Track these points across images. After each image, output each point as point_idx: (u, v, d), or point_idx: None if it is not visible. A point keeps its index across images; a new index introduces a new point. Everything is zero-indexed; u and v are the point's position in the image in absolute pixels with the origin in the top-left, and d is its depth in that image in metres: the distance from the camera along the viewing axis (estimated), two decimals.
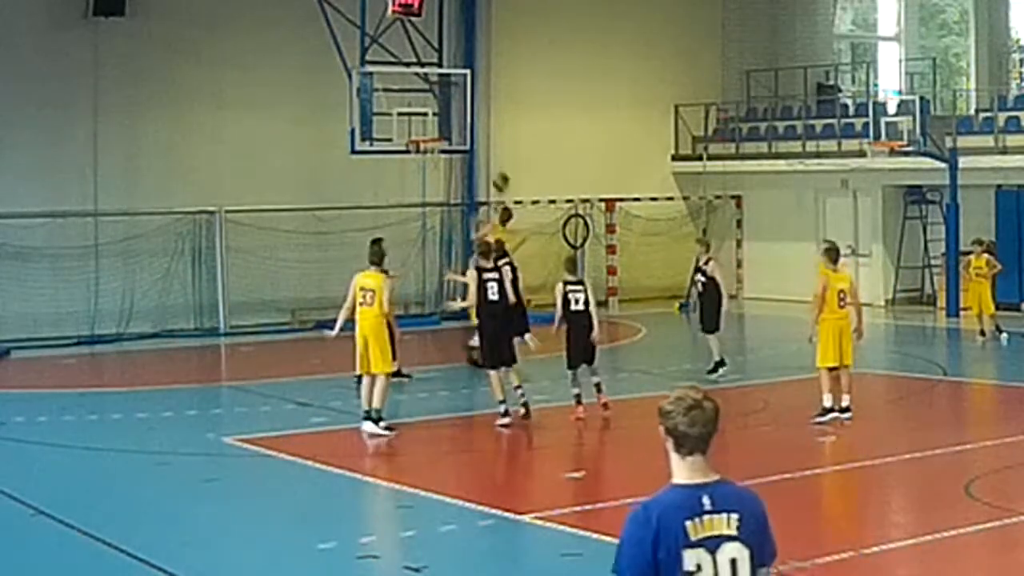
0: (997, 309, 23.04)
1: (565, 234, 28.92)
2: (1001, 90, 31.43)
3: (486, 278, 16.41)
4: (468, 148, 25.40)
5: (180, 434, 16.17)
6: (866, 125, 27.14)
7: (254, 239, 26.20)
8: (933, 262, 28.96)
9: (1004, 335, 22.82)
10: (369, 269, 15.91)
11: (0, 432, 16.32)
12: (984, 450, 14.65)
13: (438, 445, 15.99)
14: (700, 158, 31.32)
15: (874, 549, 10.81)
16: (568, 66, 30.08)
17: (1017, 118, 27.05)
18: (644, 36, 31.19)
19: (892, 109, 27.93)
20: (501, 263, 18.00)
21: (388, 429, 15.62)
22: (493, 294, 16.35)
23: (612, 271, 30.36)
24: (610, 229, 30.46)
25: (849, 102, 31.56)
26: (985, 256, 22.86)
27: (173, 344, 24.91)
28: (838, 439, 15.43)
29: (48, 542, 11.54)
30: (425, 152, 23.64)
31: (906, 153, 26.36)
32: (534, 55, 29.84)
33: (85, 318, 24.86)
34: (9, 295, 24.31)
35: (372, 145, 22.92)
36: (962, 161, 26.47)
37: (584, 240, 29.02)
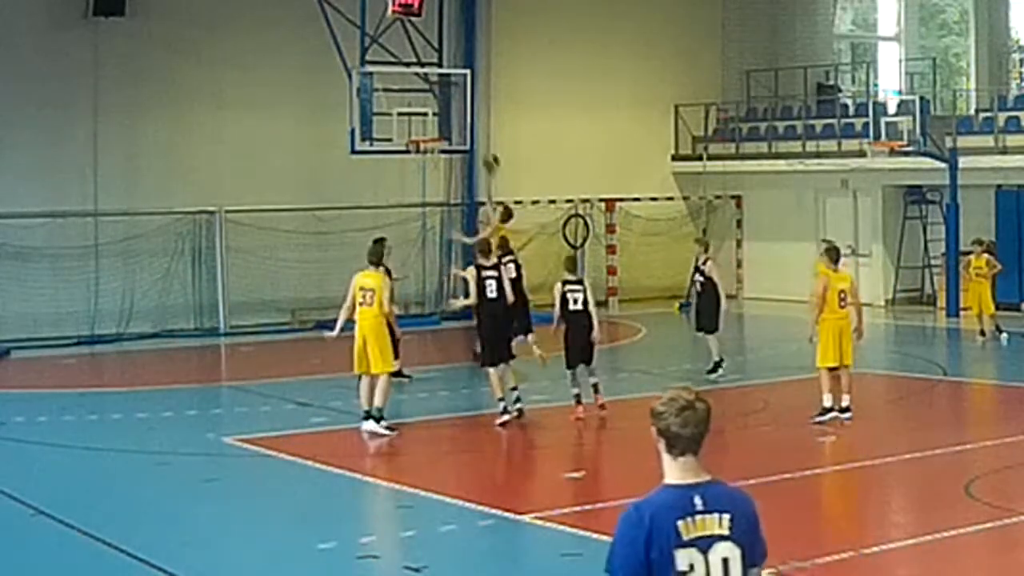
0: (997, 309, 23.03)
1: (565, 234, 28.93)
2: (1001, 90, 31.43)
3: (485, 276, 16.44)
4: (468, 148, 25.40)
5: (180, 434, 16.17)
6: (866, 125, 27.13)
7: (254, 239, 26.20)
8: (933, 262, 28.95)
9: (1004, 335, 22.82)
10: (368, 269, 15.92)
11: (0, 432, 16.33)
12: (984, 450, 14.64)
13: (438, 445, 15.99)
14: (700, 158, 31.32)
15: (874, 549, 10.81)
16: (568, 66, 30.08)
17: (1017, 118, 27.04)
18: (644, 36, 31.18)
19: (892, 109, 27.94)
20: (506, 260, 18.14)
21: (389, 429, 15.63)
22: (492, 292, 16.36)
23: (612, 271, 30.35)
24: (610, 229, 30.45)
25: (849, 102, 31.55)
26: (985, 256, 22.85)
27: (173, 344, 24.91)
28: (838, 439, 15.42)
29: (48, 542, 11.54)
30: (425, 152, 23.64)
31: (906, 153, 26.35)
32: (534, 55, 29.84)
33: (85, 318, 24.86)
34: (9, 295, 24.31)
35: (372, 145, 22.92)
36: (962, 161, 26.46)
37: (584, 240, 29.03)
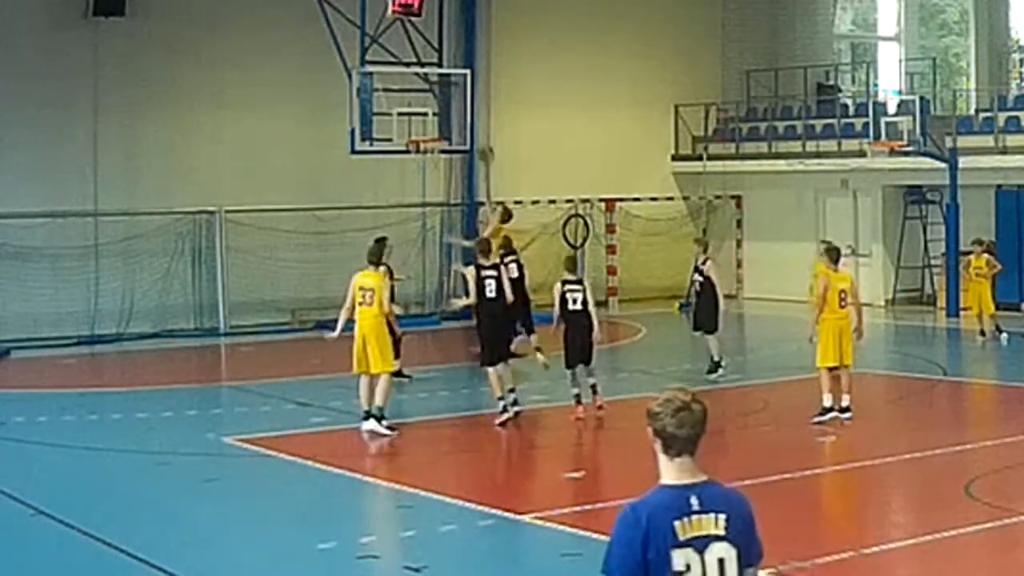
0: (997, 309, 23.02)
1: (565, 234, 28.93)
2: (1001, 90, 31.42)
3: (484, 275, 16.45)
4: (468, 148, 25.41)
5: (180, 434, 16.17)
6: (866, 125, 27.13)
7: (254, 239, 26.19)
8: (933, 262, 28.95)
9: (1004, 335, 22.81)
10: (368, 269, 15.91)
11: (0, 432, 16.33)
12: (984, 450, 14.64)
13: (438, 445, 15.99)
14: (700, 158, 31.32)
15: (874, 549, 10.81)
16: (568, 66, 30.08)
17: (1017, 118, 27.03)
18: (644, 36, 31.18)
19: (892, 109, 27.93)
20: (508, 260, 18.21)
21: (390, 429, 15.62)
22: (491, 292, 16.37)
23: (612, 271, 30.35)
24: (610, 229, 30.44)
25: (849, 102, 31.54)
26: (985, 256, 22.84)
27: (173, 344, 24.91)
28: (838, 439, 15.42)
29: (48, 542, 11.54)
30: (425, 152, 23.65)
31: (906, 153, 26.35)
32: (534, 55, 29.83)
33: (85, 318, 24.86)
34: (9, 295, 24.31)
35: (372, 145, 22.93)
36: (962, 161, 26.46)
37: (584, 240, 29.02)
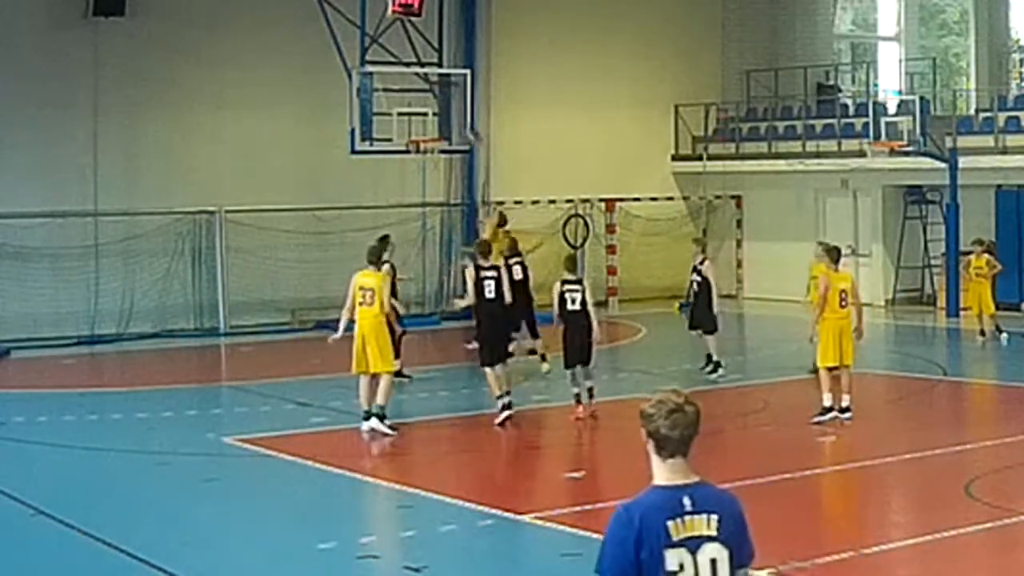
0: (997, 309, 23.02)
1: (565, 234, 28.92)
2: (1001, 90, 31.42)
3: (484, 276, 16.47)
4: (468, 148, 25.40)
5: (180, 434, 16.17)
6: (866, 125, 27.13)
7: (254, 239, 26.19)
8: (933, 262, 28.95)
9: (1004, 335, 22.81)
10: (367, 268, 15.90)
11: (0, 432, 16.33)
12: (984, 450, 14.64)
13: (438, 445, 15.99)
14: (700, 158, 31.32)
15: (874, 549, 10.81)
16: (568, 66, 30.08)
17: (1017, 118, 27.03)
18: (644, 36, 31.18)
19: (892, 109, 27.95)
20: (513, 262, 18.32)
21: (391, 428, 15.62)
22: (490, 292, 16.40)
23: (612, 271, 30.34)
24: (610, 229, 30.44)
25: (849, 102, 31.54)
26: (985, 256, 22.84)
27: (173, 344, 24.91)
28: (838, 439, 15.42)
29: (48, 542, 11.54)
30: (425, 152, 23.66)
31: (906, 153, 26.35)
32: (534, 55, 29.83)
33: (85, 318, 24.86)
34: (9, 295, 24.30)
35: (372, 145, 22.93)
36: (962, 161, 26.45)
37: (584, 240, 29.02)
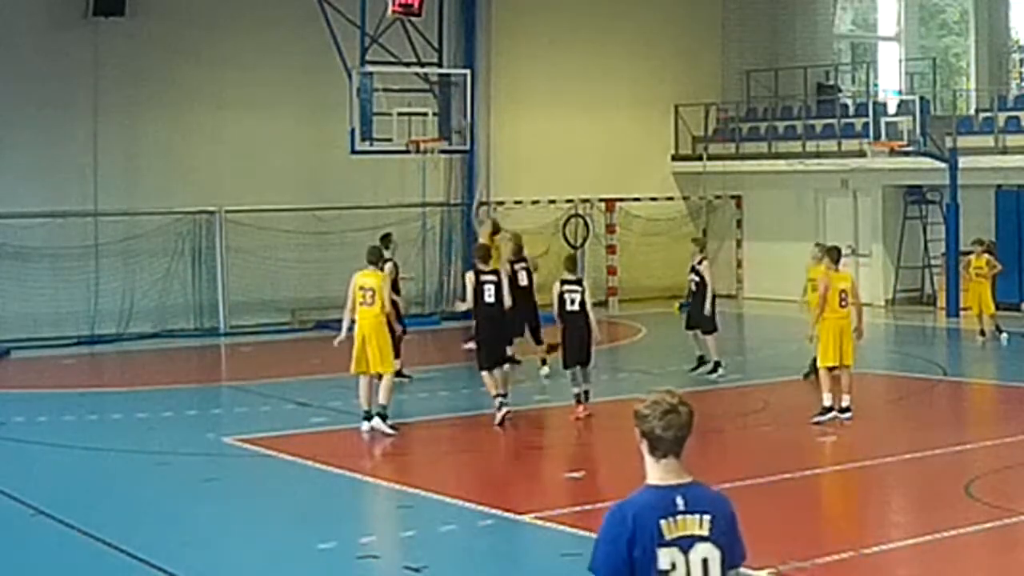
0: (997, 309, 23.03)
1: (565, 234, 28.93)
2: (1001, 90, 31.42)
3: (483, 280, 16.46)
4: (468, 148, 25.41)
5: (180, 434, 16.17)
6: (866, 125, 27.12)
7: (254, 239, 26.19)
8: (933, 262, 28.95)
9: (1004, 335, 22.81)
10: (367, 268, 15.88)
11: (0, 432, 16.33)
12: (984, 450, 14.64)
13: (438, 445, 15.99)
14: (700, 158, 31.32)
15: (874, 549, 10.81)
16: (568, 66, 30.08)
17: (1017, 118, 27.03)
18: (644, 36, 31.18)
19: (892, 109, 27.93)
20: (518, 267, 18.41)
21: (392, 428, 15.62)
22: (489, 296, 16.38)
23: (612, 271, 30.34)
24: (610, 229, 30.44)
25: (849, 102, 31.54)
26: (985, 256, 22.84)
27: (173, 344, 24.91)
28: (838, 439, 15.42)
29: (48, 542, 11.54)
30: (425, 152, 23.65)
31: (906, 153, 26.35)
32: (534, 55, 29.83)
33: (85, 318, 24.86)
34: (9, 295, 24.30)
35: (372, 145, 22.93)
36: (962, 161, 26.45)
37: (584, 240, 29.03)
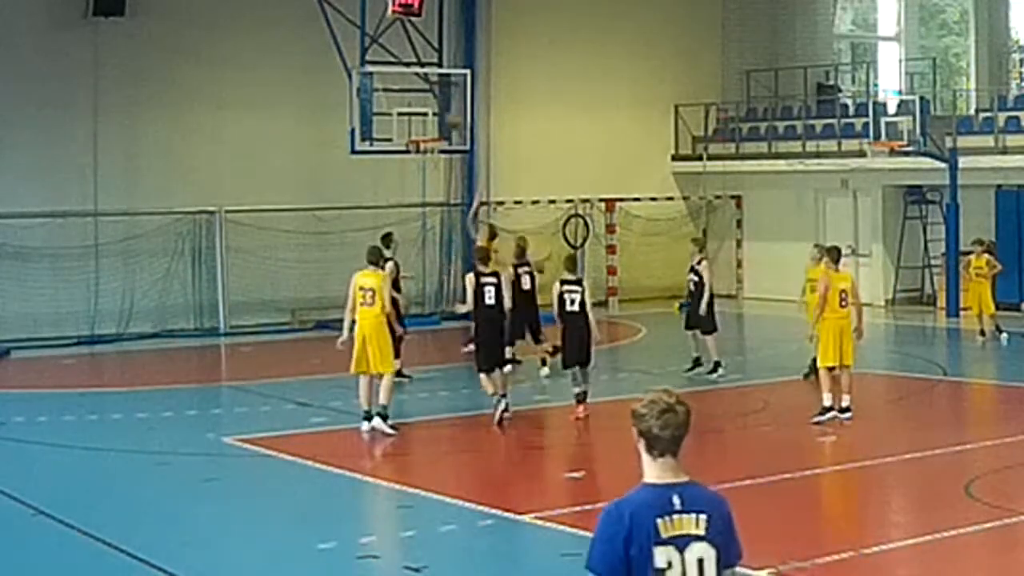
0: (997, 309, 23.03)
1: (565, 234, 28.93)
2: (1001, 90, 31.42)
3: (483, 283, 16.45)
4: (468, 148, 25.41)
5: (180, 434, 16.17)
6: (866, 125, 27.12)
7: (254, 239, 26.19)
8: (933, 262, 28.95)
9: (1004, 335, 22.81)
10: (367, 268, 15.88)
11: (0, 432, 16.33)
12: (984, 450, 14.64)
13: (438, 445, 15.99)
14: (700, 158, 31.32)
15: (874, 549, 10.81)
16: (568, 66, 30.08)
17: (1017, 118, 27.03)
18: (644, 36, 31.18)
19: (892, 109, 27.93)
20: (521, 270, 18.47)
21: (392, 428, 15.62)
22: (489, 299, 16.38)
23: (612, 271, 30.34)
24: (610, 229, 30.44)
25: (849, 102, 31.54)
26: (985, 256, 22.84)
27: (173, 344, 24.91)
28: (838, 439, 15.42)
29: (48, 542, 11.54)
30: (425, 152, 23.64)
31: (906, 153, 26.35)
32: (534, 55, 29.84)
33: (85, 318, 24.85)
34: (9, 295, 24.30)
35: (372, 145, 22.92)
36: (962, 161, 26.45)
37: (584, 240, 29.03)
